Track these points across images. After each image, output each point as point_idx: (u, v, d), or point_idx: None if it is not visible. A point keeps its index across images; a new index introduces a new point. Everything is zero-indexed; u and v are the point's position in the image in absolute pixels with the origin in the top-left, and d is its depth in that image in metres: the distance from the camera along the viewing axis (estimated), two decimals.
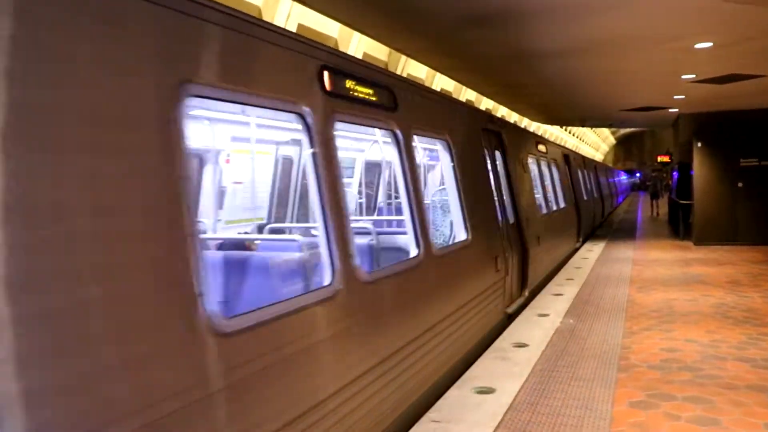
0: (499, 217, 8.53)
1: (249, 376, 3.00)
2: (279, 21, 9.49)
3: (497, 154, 9.26)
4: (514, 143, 10.44)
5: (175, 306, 2.62)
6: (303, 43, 4.04)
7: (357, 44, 11.65)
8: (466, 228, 6.90)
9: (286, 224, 8.33)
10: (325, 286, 3.89)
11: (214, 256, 5.05)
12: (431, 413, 5.12)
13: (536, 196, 12.15)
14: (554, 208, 13.75)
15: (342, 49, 10.64)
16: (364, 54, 11.70)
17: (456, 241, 6.93)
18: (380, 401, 4.42)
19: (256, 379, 3.05)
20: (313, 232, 5.82)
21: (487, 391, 5.65)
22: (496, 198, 8.61)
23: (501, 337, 7.55)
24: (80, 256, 2.23)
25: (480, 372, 6.21)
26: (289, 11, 9.98)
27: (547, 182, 13.86)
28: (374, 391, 4.32)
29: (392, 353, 4.66)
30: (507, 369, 6.32)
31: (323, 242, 3.98)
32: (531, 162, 11.89)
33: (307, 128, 3.95)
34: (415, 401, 5.12)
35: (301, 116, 3.93)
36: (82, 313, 2.20)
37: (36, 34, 2.15)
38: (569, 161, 17.80)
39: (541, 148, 13.39)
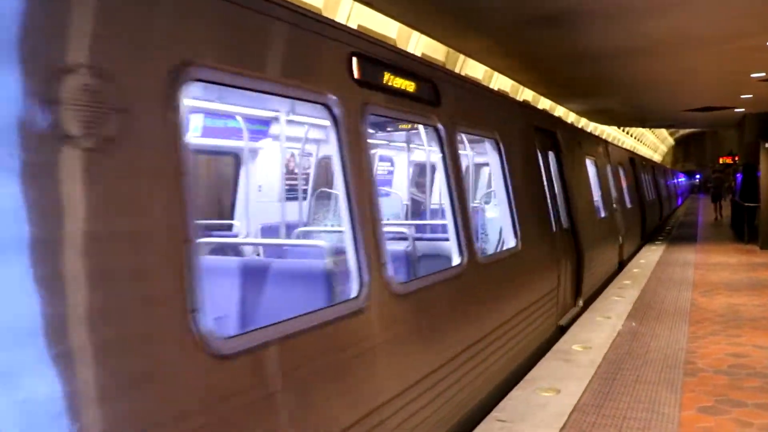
0: None
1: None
2: (340, 20, 9.62)
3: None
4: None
5: None
6: None
7: (416, 44, 11.71)
8: None
9: None
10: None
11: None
12: (496, 413, 5.15)
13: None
14: (481, 255, 5.60)
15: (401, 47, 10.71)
16: (423, 54, 11.76)
17: None
18: None
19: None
20: None
21: (551, 391, 5.64)
22: None
23: (563, 339, 7.50)
24: None
25: (543, 373, 6.20)
26: (349, 12, 10.12)
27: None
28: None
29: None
30: (570, 370, 6.29)
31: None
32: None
33: None
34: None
35: None
36: None
37: None
38: (558, 148, 8.84)
39: (470, 101, 5.88)
